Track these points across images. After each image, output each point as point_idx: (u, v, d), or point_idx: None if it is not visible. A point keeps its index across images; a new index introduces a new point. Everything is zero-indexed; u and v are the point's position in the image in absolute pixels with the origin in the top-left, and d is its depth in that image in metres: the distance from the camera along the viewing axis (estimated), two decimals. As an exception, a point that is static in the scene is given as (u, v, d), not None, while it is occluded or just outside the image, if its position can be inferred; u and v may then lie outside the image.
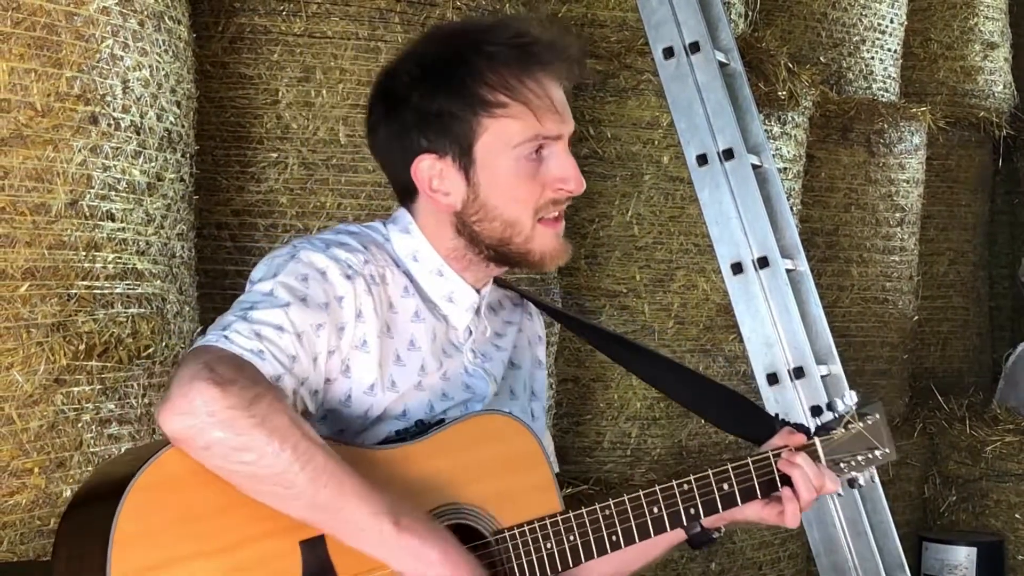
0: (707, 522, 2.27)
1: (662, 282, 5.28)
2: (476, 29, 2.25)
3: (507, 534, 2.11)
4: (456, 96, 2.15)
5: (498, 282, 2.39)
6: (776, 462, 2.30)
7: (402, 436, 2.11)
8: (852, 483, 2.38)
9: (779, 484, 2.30)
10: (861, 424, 2.36)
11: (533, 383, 2.42)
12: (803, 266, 4.52)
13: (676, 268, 5.29)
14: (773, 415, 2.44)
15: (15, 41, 2.91)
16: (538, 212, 2.17)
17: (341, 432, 2.12)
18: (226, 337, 1.96)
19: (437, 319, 2.21)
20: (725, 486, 2.25)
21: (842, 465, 2.35)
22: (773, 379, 4.35)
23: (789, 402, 4.31)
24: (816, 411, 2.40)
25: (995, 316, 7.79)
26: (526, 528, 2.12)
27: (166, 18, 3.36)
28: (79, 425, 3.05)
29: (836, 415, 2.37)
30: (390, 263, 2.19)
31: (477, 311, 2.26)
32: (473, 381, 2.25)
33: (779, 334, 4.34)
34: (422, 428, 2.12)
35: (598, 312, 5.24)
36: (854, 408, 2.37)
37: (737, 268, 4.40)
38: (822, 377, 4.36)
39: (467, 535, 2.09)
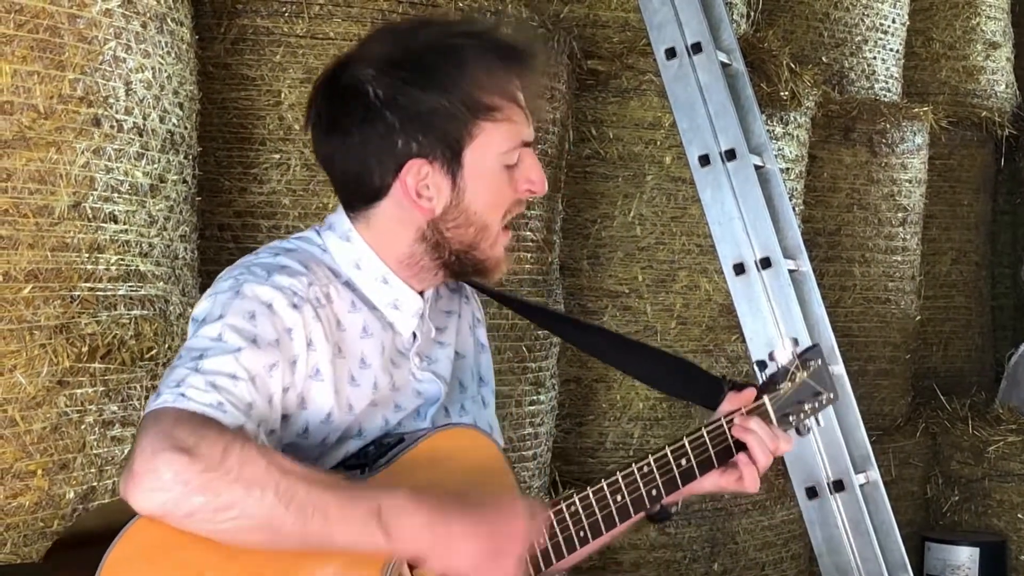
0: (666, 500, 2.28)
1: (664, 283, 5.28)
2: (457, 28, 2.19)
3: None
4: (453, 96, 2.08)
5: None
6: (730, 428, 2.30)
7: (363, 460, 2.08)
8: (801, 430, 2.39)
9: (734, 451, 2.30)
10: (806, 373, 2.36)
11: (479, 368, 2.37)
12: (805, 266, 4.52)
13: (678, 268, 5.29)
14: (720, 376, 2.42)
15: (18, 43, 2.91)
16: (506, 216, 2.15)
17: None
18: (183, 395, 1.89)
19: (384, 329, 2.16)
20: (683, 461, 2.25)
21: (791, 418, 2.35)
22: (776, 380, 4.35)
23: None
24: (761, 365, 2.40)
25: (997, 316, 7.79)
26: None
27: (168, 20, 3.36)
28: (82, 427, 3.05)
29: (780, 367, 2.36)
30: (332, 279, 2.12)
31: (422, 316, 2.21)
32: (423, 386, 2.21)
33: (781, 334, 4.34)
34: (382, 450, 2.09)
35: (600, 313, 5.25)
36: (796, 356, 2.36)
37: (739, 268, 4.40)
38: (825, 377, 4.36)
39: None
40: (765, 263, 4.38)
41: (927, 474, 6.74)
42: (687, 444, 2.26)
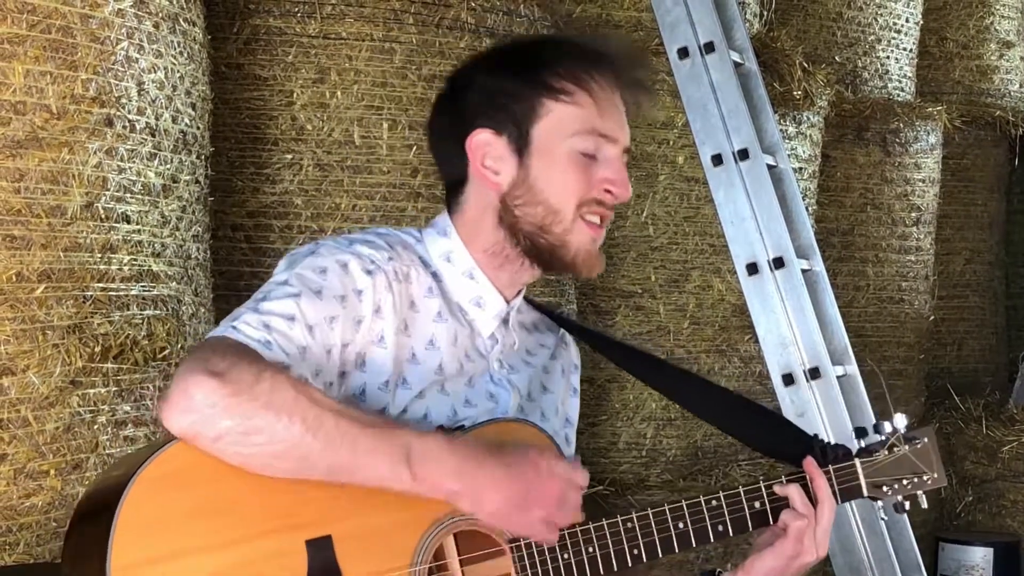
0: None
1: (677, 282, 5.28)
2: (558, 34, 2.28)
3: (523, 543, 2.08)
4: (522, 78, 2.17)
5: (535, 305, 2.40)
6: (810, 483, 2.24)
7: None
8: (898, 508, 2.33)
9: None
10: (907, 447, 2.30)
11: (568, 410, 2.41)
12: (819, 266, 4.51)
13: (691, 268, 5.28)
14: (812, 435, 2.35)
15: (30, 43, 2.91)
16: (581, 207, 2.16)
17: None
18: (235, 328, 1.96)
19: (461, 323, 2.20)
20: (756, 504, 2.22)
21: (885, 488, 2.30)
22: (789, 379, 4.35)
23: (805, 402, 4.31)
24: (861, 432, 2.36)
25: (1011, 316, 7.77)
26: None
27: (181, 20, 3.36)
28: (95, 427, 3.05)
29: (882, 437, 2.31)
30: (417, 263, 2.18)
31: (505, 321, 2.25)
32: (497, 390, 2.23)
33: (795, 334, 4.34)
34: (444, 432, 2.09)
35: (613, 313, 5.24)
36: (901, 431, 2.30)
37: (752, 268, 4.39)
38: (838, 377, 4.35)
39: (482, 543, 2.08)
40: (778, 263, 4.37)
41: (941, 474, 6.71)
42: (762, 487, 2.23)
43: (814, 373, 4.32)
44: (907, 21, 6.78)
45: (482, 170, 2.18)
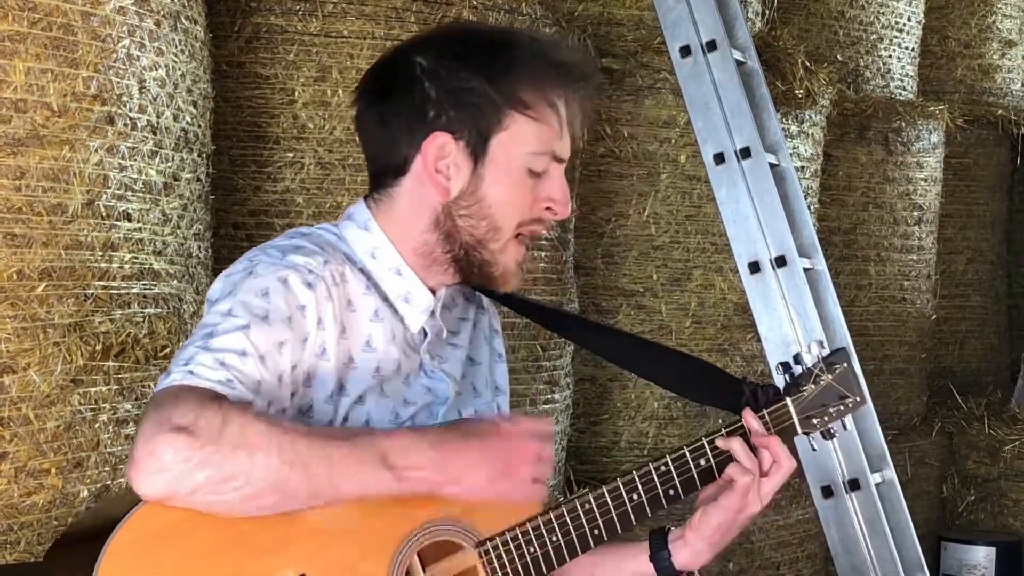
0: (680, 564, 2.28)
1: (679, 281, 5.27)
2: (521, 32, 2.24)
3: (489, 545, 2.09)
4: (494, 85, 2.10)
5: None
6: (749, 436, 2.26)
7: None
8: (826, 435, 2.36)
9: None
10: (831, 376, 2.32)
11: (495, 377, 2.37)
12: (821, 265, 4.50)
13: (693, 267, 5.28)
14: (740, 378, 2.37)
15: (31, 41, 2.91)
16: (520, 226, 2.15)
17: None
18: (191, 373, 1.90)
19: (396, 319, 2.17)
20: (702, 461, 2.23)
21: (814, 421, 2.31)
22: (791, 378, 4.34)
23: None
24: (784, 367, 2.37)
25: (1014, 315, 7.76)
26: (507, 536, 2.10)
27: (182, 18, 3.36)
28: (96, 425, 3.05)
29: (804, 368, 2.33)
30: (347, 261, 2.13)
31: (432, 313, 2.21)
32: (433, 383, 2.21)
33: (796, 333, 4.33)
34: None
35: (615, 311, 5.24)
36: (821, 359, 2.32)
37: (754, 267, 4.39)
38: (840, 376, 4.34)
39: (450, 551, 2.08)
40: (780, 262, 4.37)
41: (943, 474, 6.72)
42: (704, 443, 2.23)
43: (816, 372, 4.31)
44: (909, 20, 6.78)
45: (433, 173, 2.11)
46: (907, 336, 6.62)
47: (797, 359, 2.34)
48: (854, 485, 4.31)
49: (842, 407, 2.34)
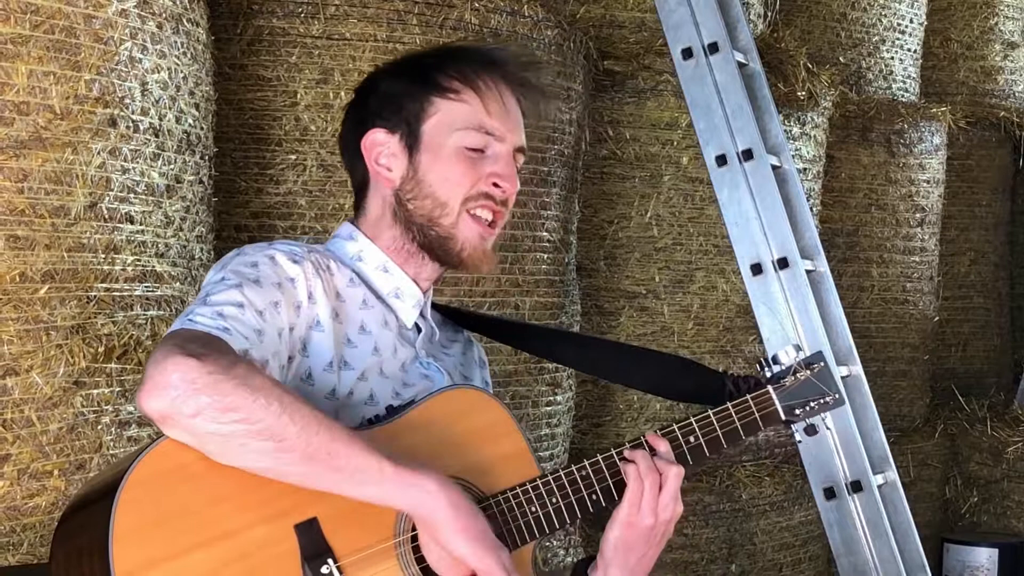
0: None
1: (681, 283, 5.27)
2: (464, 43, 2.37)
3: (492, 501, 2.14)
4: (415, 80, 2.29)
5: (439, 309, 2.47)
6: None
7: (374, 423, 2.15)
8: (808, 431, 2.43)
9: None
10: (809, 372, 2.41)
11: None
12: (823, 267, 4.50)
13: (695, 269, 5.28)
14: (722, 372, 2.48)
15: (34, 44, 2.91)
16: (468, 200, 2.25)
17: None
18: (191, 321, 1.99)
19: (388, 311, 2.28)
20: (692, 438, 2.40)
21: (797, 411, 2.39)
22: (793, 380, 4.33)
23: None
24: (764, 363, 2.44)
25: (1016, 316, 7.76)
26: (509, 493, 2.15)
27: (184, 20, 3.37)
28: (98, 427, 3.05)
29: (782, 367, 2.41)
30: (335, 258, 2.25)
31: (422, 313, 2.33)
32: (430, 373, 2.30)
33: (799, 335, 4.33)
34: (393, 411, 2.17)
35: (617, 314, 5.24)
36: (797, 359, 2.41)
37: (757, 269, 4.39)
38: (843, 378, 4.35)
39: None
40: (782, 263, 4.37)
41: (946, 475, 6.72)
42: (695, 423, 2.38)
43: (819, 374, 4.30)
44: (911, 22, 6.78)
45: (376, 168, 2.29)
46: (910, 338, 6.63)
47: (775, 359, 2.43)
48: (856, 487, 4.30)
49: (822, 402, 2.42)
